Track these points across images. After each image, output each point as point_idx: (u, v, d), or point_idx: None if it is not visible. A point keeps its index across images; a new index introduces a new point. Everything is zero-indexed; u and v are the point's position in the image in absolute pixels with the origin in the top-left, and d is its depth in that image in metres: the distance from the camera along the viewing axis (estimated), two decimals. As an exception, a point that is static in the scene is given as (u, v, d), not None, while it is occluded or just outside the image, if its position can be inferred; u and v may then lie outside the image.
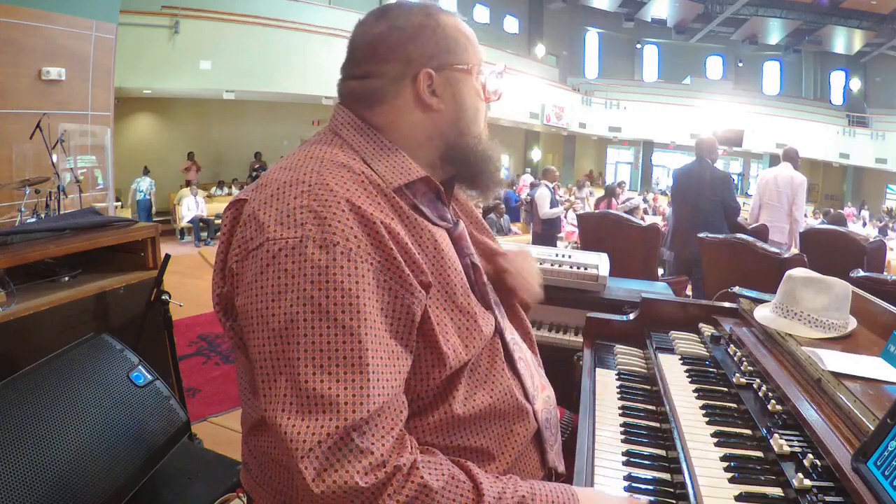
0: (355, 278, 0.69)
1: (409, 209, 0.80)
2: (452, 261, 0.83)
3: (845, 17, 17.86)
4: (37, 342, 1.64)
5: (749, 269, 2.82)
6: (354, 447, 0.65)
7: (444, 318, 0.79)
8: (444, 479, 0.69)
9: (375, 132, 0.83)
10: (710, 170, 4.20)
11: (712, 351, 1.30)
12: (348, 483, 0.63)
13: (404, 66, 0.83)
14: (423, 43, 0.83)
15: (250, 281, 0.71)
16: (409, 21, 0.83)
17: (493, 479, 0.74)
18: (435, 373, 0.77)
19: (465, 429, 0.81)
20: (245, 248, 0.73)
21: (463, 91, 0.86)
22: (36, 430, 1.14)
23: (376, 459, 0.65)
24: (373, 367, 0.68)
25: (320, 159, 0.77)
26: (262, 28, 10.04)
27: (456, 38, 0.86)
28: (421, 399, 0.78)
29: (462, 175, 0.91)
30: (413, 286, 0.73)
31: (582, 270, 2.14)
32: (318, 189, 0.72)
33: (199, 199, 9.11)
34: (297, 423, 0.65)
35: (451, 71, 0.85)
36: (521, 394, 0.89)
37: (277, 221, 0.70)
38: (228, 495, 1.43)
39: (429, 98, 0.83)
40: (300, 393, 0.66)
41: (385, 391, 0.69)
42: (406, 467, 0.67)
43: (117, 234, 2.06)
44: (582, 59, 21.78)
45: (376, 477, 0.65)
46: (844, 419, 0.87)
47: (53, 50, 5.32)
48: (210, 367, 3.54)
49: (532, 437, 0.90)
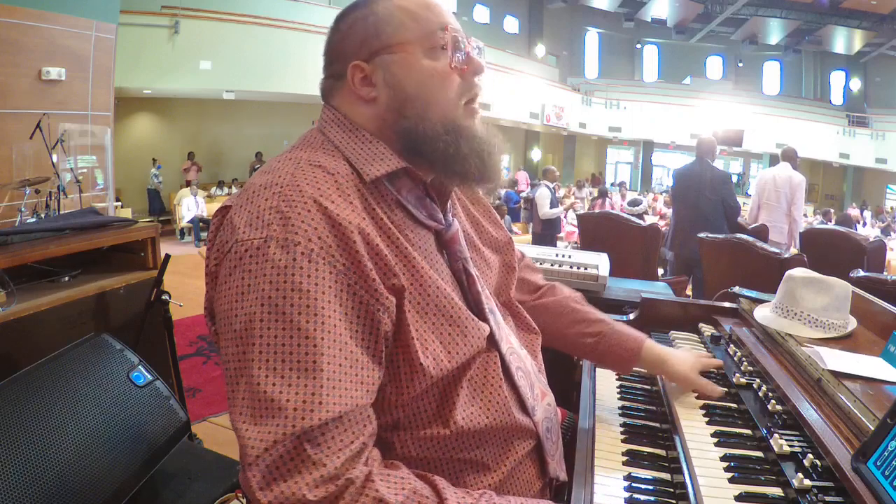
0: (315, 280, 0.66)
1: (391, 206, 0.78)
2: (436, 263, 0.81)
3: (845, 17, 17.86)
4: (37, 342, 1.64)
5: (749, 269, 2.82)
6: (306, 457, 0.62)
7: (423, 324, 0.75)
8: (403, 494, 0.65)
9: (356, 126, 0.82)
10: (710, 170, 4.20)
11: (712, 351, 1.30)
12: (296, 495, 0.61)
13: (342, 63, 0.82)
14: (354, 35, 0.81)
15: (221, 283, 0.71)
16: (348, 18, 0.83)
17: (462, 493, 0.71)
18: (414, 383, 0.74)
19: (460, 443, 0.78)
20: (220, 251, 0.73)
21: (397, 72, 0.79)
22: (36, 430, 1.14)
23: (328, 472, 0.62)
24: (328, 373, 0.65)
25: (297, 161, 0.76)
26: (261, 28, 10.04)
27: (388, 19, 0.80)
28: (406, 409, 0.76)
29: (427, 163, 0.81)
30: (379, 292, 0.70)
31: (582, 270, 2.14)
32: (288, 190, 0.70)
33: (199, 199, 9.11)
34: (250, 428, 0.63)
35: (382, 55, 0.79)
36: (518, 409, 0.85)
37: (247, 223, 0.70)
38: (228, 495, 1.42)
39: (361, 90, 0.80)
40: (253, 397, 0.64)
41: (343, 400, 0.65)
42: (360, 480, 0.64)
43: (117, 234, 2.06)
44: (582, 59, 21.79)
45: (327, 490, 0.62)
46: (844, 419, 0.87)
47: (53, 50, 5.32)
48: (210, 367, 3.54)
49: (532, 450, 0.87)
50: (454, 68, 0.81)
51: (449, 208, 0.88)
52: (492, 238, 1.02)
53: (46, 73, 5.29)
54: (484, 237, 1.00)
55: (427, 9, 0.81)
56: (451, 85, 0.81)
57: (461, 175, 0.81)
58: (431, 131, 0.79)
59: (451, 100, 0.81)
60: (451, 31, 0.81)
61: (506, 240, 1.04)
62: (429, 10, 0.81)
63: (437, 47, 0.80)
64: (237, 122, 12.02)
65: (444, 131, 0.79)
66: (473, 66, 0.82)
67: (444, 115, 0.80)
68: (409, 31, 0.80)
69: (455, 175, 0.81)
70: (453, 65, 0.80)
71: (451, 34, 0.80)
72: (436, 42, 0.80)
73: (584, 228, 4.23)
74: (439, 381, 0.77)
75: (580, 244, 4.65)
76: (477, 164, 0.81)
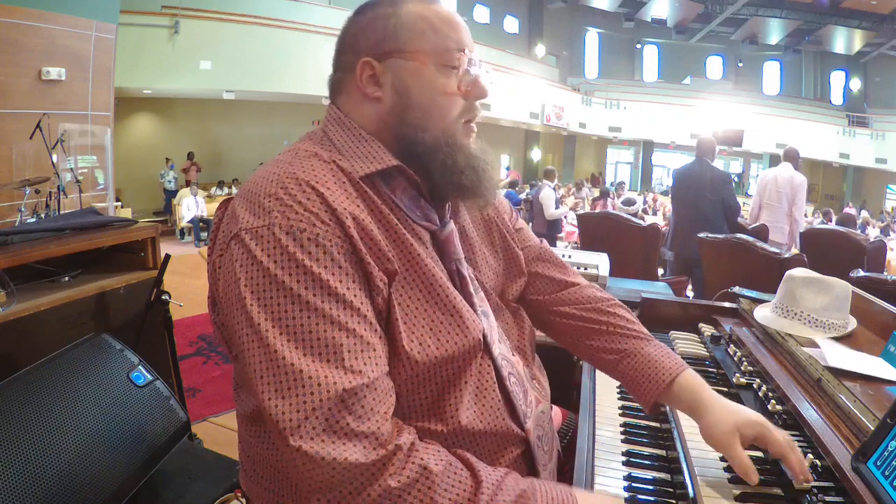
0: (324, 263, 0.69)
1: (384, 201, 0.78)
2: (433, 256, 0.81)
3: (845, 17, 17.86)
4: (37, 342, 1.64)
5: (749, 269, 2.82)
6: (349, 429, 0.64)
7: (412, 308, 0.76)
8: (443, 464, 0.68)
9: (354, 123, 0.83)
10: (710, 170, 4.20)
11: (712, 351, 1.30)
12: (348, 459, 0.63)
13: (353, 56, 0.82)
14: (372, 31, 0.81)
15: (226, 271, 0.72)
16: (370, 13, 0.83)
17: (491, 469, 0.73)
18: (398, 368, 0.74)
19: (452, 440, 0.78)
20: (224, 241, 0.74)
21: (406, 78, 0.80)
22: (36, 430, 1.14)
23: (375, 440, 0.65)
24: (348, 345, 0.67)
25: (296, 151, 0.79)
26: (261, 28, 10.05)
27: (410, 24, 0.80)
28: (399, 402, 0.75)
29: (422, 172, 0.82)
30: (373, 275, 0.72)
31: (582, 270, 2.14)
32: (286, 178, 0.73)
33: (199, 199, 9.10)
34: (279, 402, 0.64)
35: (395, 58, 0.80)
36: (510, 416, 0.85)
37: (249, 212, 0.72)
38: (228, 495, 1.43)
39: (367, 87, 0.81)
40: (281, 374, 0.65)
41: (368, 368, 0.68)
42: (406, 447, 0.66)
43: (117, 234, 2.06)
44: (582, 59, 21.80)
45: (377, 454, 0.64)
46: (844, 419, 0.87)
47: (53, 50, 5.32)
48: (210, 367, 3.54)
49: (520, 456, 0.87)
50: (461, 90, 0.82)
51: (448, 209, 0.88)
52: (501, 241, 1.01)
53: (46, 73, 5.29)
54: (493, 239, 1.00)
55: (450, 26, 0.82)
56: (455, 104, 0.82)
57: (457, 186, 0.82)
58: (432, 142, 0.80)
59: (452, 118, 0.82)
60: (467, 55, 0.82)
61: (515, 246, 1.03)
62: (451, 27, 0.82)
63: (450, 66, 0.81)
64: (237, 122, 12.02)
65: (444, 144, 0.81)
66: (478, 91, 0.84)
67: (443, 129, 0.81)
68: (428, 42, 0.81)
69: (451, 186, 0.82)
70: (462, 87, 0.82)
71: (467, 58, 0.82)
72: (450, 61, 0.81)
73: (584, 228, 4.23)
74: (430, 374, 0.77)
75: (580, 244, 4.65)
76: (472, 178, 0.82)
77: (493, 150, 0.89)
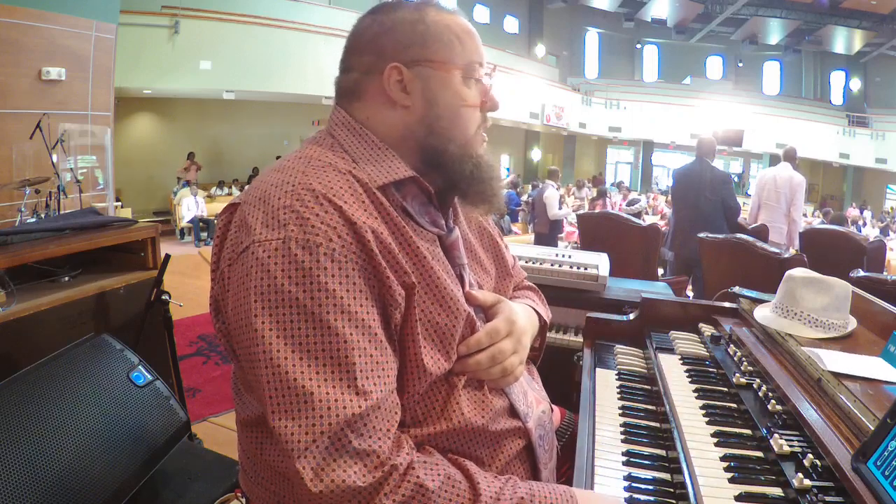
0: (339, 279, 0.68)
1: (396, 210, 0.78)
2: (443, 264, 0.82)
3: (845, 17, 17.86)
4: (37, 342, 1.65)
5: (749, 269, 2.82)
6: (351, 448, 0.65)
7: (430, 324, 0.77)
8: (440, 479, 0.69)
9: (366, 130, 0.82)
10: (710, 170, 4.20)
11: (712, 351, 1.30)
12: (346, 482, 0.64)
13: (376, 58, 0.81)
14: (398, 36, 0.81)
15: (238, 283, 0.71)
16: (393, 15, 0.82)
17: (491, 478, 0.74)
18: (420, 381, 0.75)
19: (454, 437, 0.80)
20: (235, 251, 0.73)
21: (436, 88, 0.81)
22: (36, 430, 1.14)
23: (374, 459, 0.66)
24: (360, 365, 0.67)
25: (308, 159, 0.77)
26: (261, 28, 10.03)
27: (439, 34, 0.81)
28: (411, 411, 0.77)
29: (445, 181, 0.84)
30: (393, 289, 0.72)
31: (582, 270, 2.14)
32: (302, 189, 0.71)
33: (199, 199, 9.10)
34: (289, 423, 0.65)
35: (425, 66, 0.80)
36: (510, 416, 0.87)
37: (263, 223, 0.70)
38: (228, 495, 1.43)
39: (395, 93, 0.80)
40: (291, 393, 0.66)
41: (377, 388, 0.68)
42: (402, 467, 0.67)
43: (117, 234, 2.06)
44: (582, 59, 21.78)
45: (374, 476, 0.65)
46: (844, 419, 0.87)
47: (53, 50, 5.32)
48: (210, 367, 3.54)
49: (524, 452, 0.88)
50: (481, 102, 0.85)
51: (450, 215, 0.90)
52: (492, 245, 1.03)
53: (46, 73, 5.29)
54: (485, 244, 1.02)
55: (471, 39, 0.84)
56: (475, 116, 0.85)
57: (480, 195, 0.85)
58: (459, 153, 0.82)
59: (472, 128, 0.85)
60: (486, 67, 0.85)
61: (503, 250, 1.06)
62: (472, 40, 0.85)
63: (473, 78, 0.84)
64: (237, 122, 12.01)
65: (470, 155, 0.83)
66: (493, 104, 0.87)
67: (466, 140, 0.83)
68: (456, 54, 0.82)
69: (473, 195, 0.85)
70: (485, 105, 0.85)
71: (485, 71, 0.85)
72: (473, 73, 0.84)
73: (584, 228, 4.23)
74: (443, 381, 0.79)
75: (580, 244, 4.65)
76: (495, 188, 0.86)
77: (493, 150, 0.91)
